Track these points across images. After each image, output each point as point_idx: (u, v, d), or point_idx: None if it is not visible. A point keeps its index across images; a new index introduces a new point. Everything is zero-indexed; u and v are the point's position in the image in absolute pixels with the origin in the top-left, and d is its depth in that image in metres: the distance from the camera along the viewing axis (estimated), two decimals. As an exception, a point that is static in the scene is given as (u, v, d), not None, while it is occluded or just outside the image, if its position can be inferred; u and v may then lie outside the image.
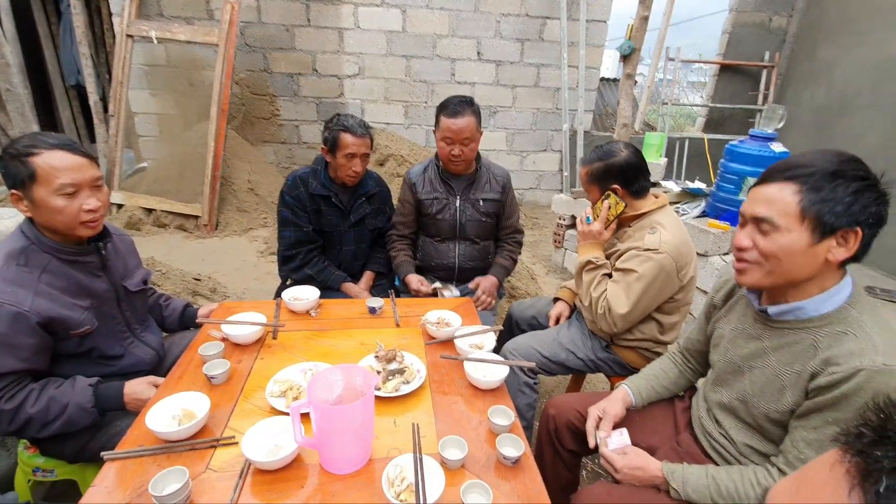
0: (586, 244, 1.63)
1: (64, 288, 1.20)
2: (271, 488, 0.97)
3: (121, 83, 4.10)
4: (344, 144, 1.85)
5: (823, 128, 4.57)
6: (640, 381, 1.33)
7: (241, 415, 1.17)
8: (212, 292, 3.06)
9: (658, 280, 1.46)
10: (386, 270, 2.21)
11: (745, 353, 1.05)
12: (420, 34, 4.82)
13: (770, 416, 0.99)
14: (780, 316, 0.98)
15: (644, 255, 1.46)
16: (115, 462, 1.00)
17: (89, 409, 1.17)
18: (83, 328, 1.22)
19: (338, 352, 1.45)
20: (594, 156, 1.60)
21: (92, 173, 1.20)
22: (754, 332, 1.04)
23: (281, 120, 5.00)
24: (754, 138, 2.55)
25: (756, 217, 0.92)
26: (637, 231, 1.56)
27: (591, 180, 1.61)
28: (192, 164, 4.27)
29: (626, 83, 3.42)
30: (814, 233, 0.87)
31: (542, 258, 4.03)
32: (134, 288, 1.41)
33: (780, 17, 5.24)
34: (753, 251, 0.93)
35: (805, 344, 0.93)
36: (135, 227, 4.08)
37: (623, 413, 1.24)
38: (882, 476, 0.32)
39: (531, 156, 5.46)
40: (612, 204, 1.56)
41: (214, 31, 4.02)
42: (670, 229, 1.49)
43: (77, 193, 1.17)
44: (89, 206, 1.19)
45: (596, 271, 1.58)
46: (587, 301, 1.59)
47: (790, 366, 0.95)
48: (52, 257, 1.19)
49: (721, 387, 1.12)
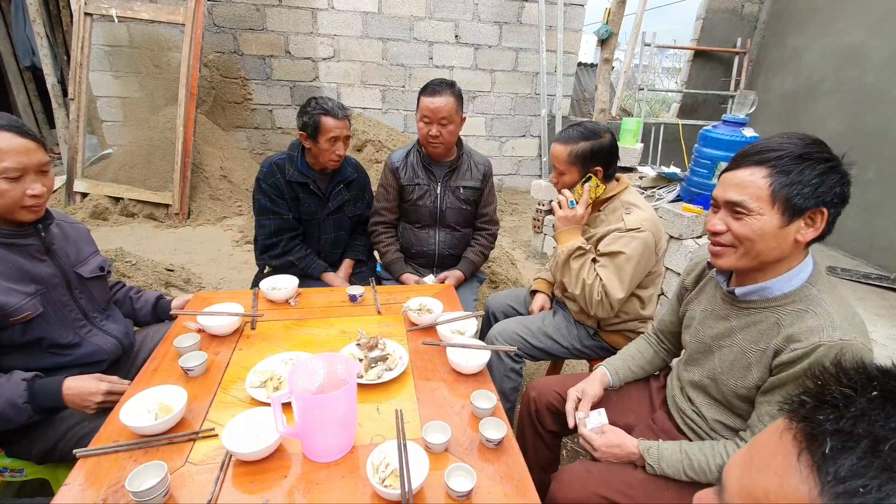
0: (569, 230, 1.57)
1: (2, 273, 1.14)
2: (254, 479, 0.96)
3: (80, 65, 3.89)
4: (326, 128, 1.81)
5: (791, 113, 4.71)
6: (617, 362, 1.36)
7: (220, 407, 1.14)
8: (186, 283, 2.98)
9: (644, 257, 1.48)
10: (366, 258, 2.19)
11: (714, 333, 1.09)
12: (396, 16, 4.71)
13: (738, 393, 1.03)
14: (746, 296, 1.02)
15: (629, 236, 1.47)
16: (88, 459, 0.97)
17: (21, 405, 1.09)
18: (22, 314, 1.15)
19: (318, 341, 1.43)
20: (576, 133, 1.53)
21: (38, 158, 1.15)
22: (722, 312, 1.08)
23: (253, 104, 4.85)
24: (727, 123, 2.59)
25: (729, 202, 0.94)
26: (610, 214, 1.57)
27: (574, 160, 1.53)
28: (160, 151, 4.11)
29: (604, 68, 3.43)
30: (784, 215, 0.90)
31: (521, 243, 4.06)
32: (88, 274, 1.34)
33: (752, 4, 5.33)
34: (728, 234, 0.96)
35: (769, 322, 0.97)
36: (101, 217, 3.92)
37: (601, 393, 1.27)
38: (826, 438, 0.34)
39: (510, 141, 5.45)
40: (593, 187, 1.53)
41: (180, 10, 3.85)
42: (642, 206, 1.52)
43: (22, 178, 1.12)
44: (34, 192, 1.14)
45: (584, 256, 1.55)
46: (579, 288, 1.54)
47: (756, 343, 0.99)
48: None
49: (692, 366, 1.16)
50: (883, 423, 0.33)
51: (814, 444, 0.34)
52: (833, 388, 0.36)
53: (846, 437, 0.33)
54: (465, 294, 2.02)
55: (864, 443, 0.32)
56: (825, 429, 0.34)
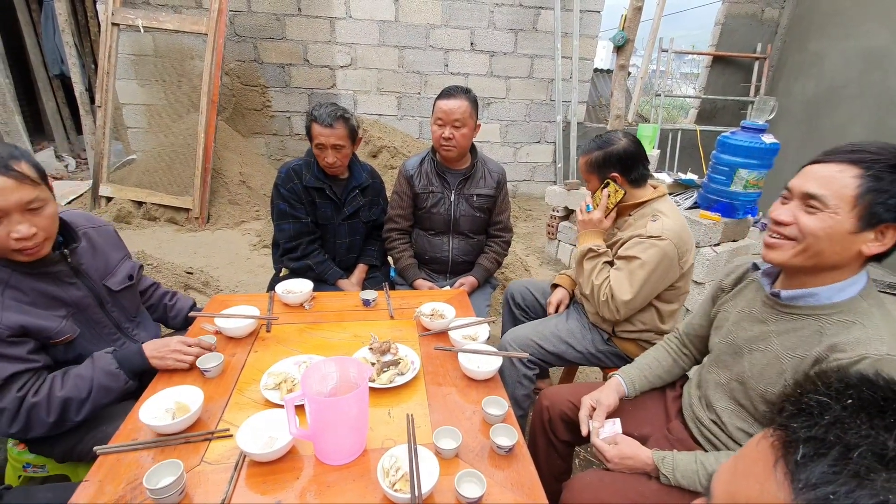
0: (586, 232, 1.63)
1: (31, 302, 1.12)
2: (266, 480, 0.97)
3: (107, 73, 4.02)
4: (314, 135, 1.84)
5: (813, 119, 4.61)
6: (633, 371, 1.34)
7: (235, 408, 1.17)
8: (204, 286, 3.04)
9: (661, 266, 1.47)
10: (380, 263, 2.21)
11: (748, 336, 1.06)
12: (413, 24, 4.77)
13: (766, 398, 1.00)
14: (791, 300, 0.99)
15: (647, 242, 1.47)
16: (108, 456, 1.00)
17: (114, 370, 1.16)
18: (63, 336, 1.16)
19: (332, 344, 1.45)
20: (592, 145, 1.61)
21: (19, 197, 1.02)
22: (761, 315, 1.05)
23: (272, 111, 4.94)
24: (746, 130, 2.56)
25: (807, 193, 0.90)
26: (638, 219, 1.57)
27: (590, 169, 1.61)
28: (182, 156, 4.22)
29: (620, 74, 3.41)
30: (859, 221, 0.86)
31: (535, 250, 4.05)
32: (118, 287, 1.33)
33: (772, 9, 5.25)
34: (793, 227, 0.92)
35: (811, 330, 0.95)
36: (124, 221, 4.03)
37: (616, 403, 1.25)
38: (800, 445, 0.34)
39: (525, 147, 5.45)
40: (612, 192, 1.57)
41: (203, 20, 3.95)
42: (672, 216, 1.51)
43: (2, 219, 1.02)
44: (19, 235, 1.03)
45: (597, 259, 1.58)
46: (588, 289, 1.59)
47: (793, 350, 0.96)
48: (11, 272, 1.10)
49: (719, 367, 1.14)
50: (855, 430, 0.33)
51: (788, 451, 0.35)
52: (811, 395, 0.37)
53: (818, 444, 0.33)
54: (478, 300, 2.02)
55: (835, 450, 0.32)
56: (799, 436, 0.35)
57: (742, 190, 2.61)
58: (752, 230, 3.04)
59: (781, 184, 1.01)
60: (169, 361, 1.23)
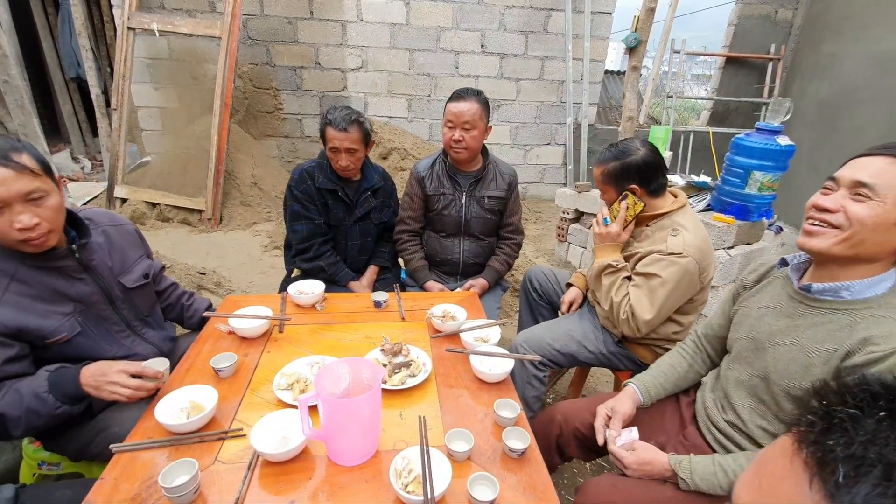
0: (604, 246, 1.58)
1: (36, 296, 1.12)
2: (279, 480, 0.98)
3: (123, 76, 4.09)
4: (328, 138, 1.86)
5: (828, 121, 4.54)
6: (647, 378, 1.31)
7: (248, 407, 1.17)
8: (216, 286, 3.07)
9: (682, 284, 1.43)
10: (391, 265, 2.21)
11: (772, 330, 1.05)
12: (423, 27, 4.78)
13: (791, 394, 0.99)
14: (821, 294, 0.98)
15: (668, 260, 1.42)
16: (123, 455, 1.01)
17: (42, 394, 1.06)
18: (58, 336, 1.14)
19: (343, 345, 1.45)
20: (609, 155, 1.55)
21: (20, 186, 1.03)
22: (787, 310, 1.04)
23: (284, 114, 4.99)
24: (760, 131, 2.53)
25: (858, 181, 0.90)
26: (657, 231, 1.52)
27: (607, 180, 1.56)
28: (195, 159, 4.26)
29: (632, 76, 3.39)
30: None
31: (545, 252, 4.03)
32: (132, 284, 1.33)
33: (786, 10, 5.19)
34: (839, 214, 0.91)
35: (841, 324, 0.94)
36: (139, 222, 4.08)
37: (632, 411, 1.23)
38: (838, 465, 0.32)
39: (535, 149, 5.43)
40: (630, 204, 1.52)
41: (217, 24, 4.00)
42: (692, 230, 1.45)
43: (4, 209, 1.03)
44: (21, 224, 1.04)
45: (616, 274, 1.54)
46: (607, 305, 1.55)
47: (822, 344, 0.95)
48: (19, 265, 1.10)
49: (740, 364, 1.12)
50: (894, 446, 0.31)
51: (825, 470, 0.33)
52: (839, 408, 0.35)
53: (858, 463, 0.32)
54: (488, 302, 2.02)
55: (877, 469, 0.31)
56: (836, 454, 0.33)
57: (756, 192, 2.58)
58: (767, 233, 3.00)
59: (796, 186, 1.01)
60: (104, 393, 1.09)
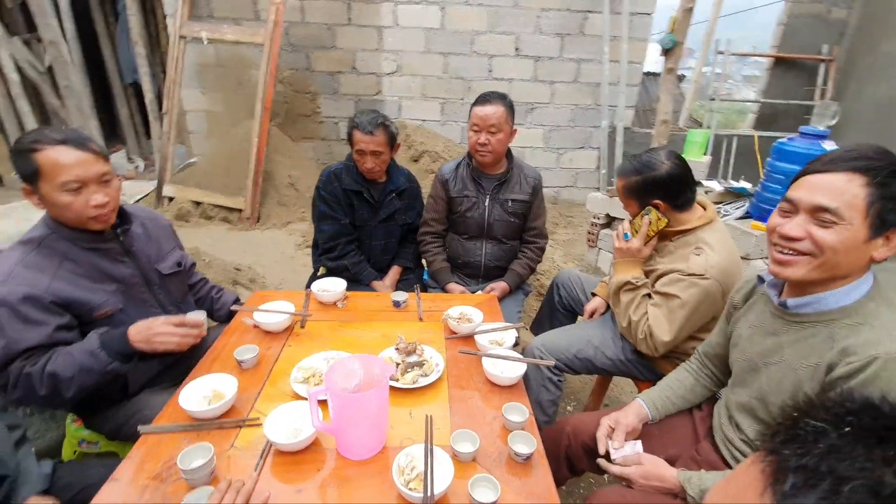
0: (624, 262, 1.54)
1: (84, 274, 1.23)
2: (290, 469, 1.02)
3: (174, 82, 4.34)
4: (354, 141, 1.91)
5: (886, 124, 4.25)
6: (654, 392, 1.28)
7: (266, 398, 1.23)
8: (251, 282, 3.20)
9: (703, 306, 1.38)
10: (413, 265, 2.24)
11: (761, 350, 1.02)
12: (458, 31, 4.82)
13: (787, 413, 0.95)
14: (799, 308, 0.95)
15: (688, 281, 1.36)
16: (149, 436, 1.08)
17: (95, 350, 1.14)
18: (104, 309, 1.24)
19: (361, 342, 1.49)
20: (631, 167, 1.49)
21: (97, 168, 1.18)
22: (771, 328, 1.01)
23: (321, 117, 5.14)
24: (805, 136, 2.40)
25: (819, 206, 0.87)
26: (680, 248, 1.45)
27: (629, 194, 1.51)
28: (237, 160, 4.47)
29: (668, 78, 3.29)
30: (871, 229, 0.85)
31: (575, 257, 3.96)
32: (167, 271, 1.44)
33: (840, 9, 4.89)
34: (807, 242, 0.89)
35: (822, 336, 0.91)
36: (184, 219, 4.31)
37: (637, 425, 1.20)
38: (789, 474, 0.32)
39: (568, 153, 5.35)
40: (653, 220, 1.46)
41: (260, 32, 4.18)
42: (718, 250, 1.38)
43: (82, 189, 1.16)
44: (96, 202, 1.18)
45: (635, 292, 1.49)
46: (625, 322, 1.51)
47: (806, 359, 0.93)
48: (71, 245, 1.22)
49: (739, 387, 1.09)
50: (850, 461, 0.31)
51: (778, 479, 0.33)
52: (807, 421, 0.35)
53: (809, 475, 0.31)
54: (509, 306, 2.01)
55: (826, 482, 0.30)
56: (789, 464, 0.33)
57: (799, 200, 2.44)
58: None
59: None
60: (155, 344, 1.18)
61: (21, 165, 1.15)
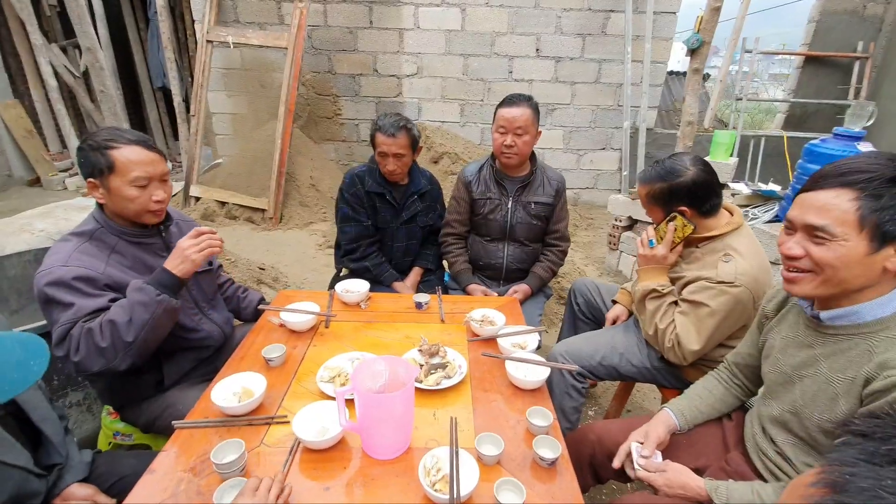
0: (649, 269, 1.51)
1: (130, 266, 1.33)
2: (317, 466, 1.04)
3: (201, 85, 4.45)
4: (377, 143, 1.93)
5: (928, 125, 4.08)
6: (682, 402, 1.25)
7: (293, 396, 1.25)
8: (274, 281, 3.26)
9: (733, 314, 1.35)
10: (435, 267, 2.26)
11: (795, 363, 1.00)
12: (479, 32, 4.82)
13: (823, 427, 0.93)
14: (833, 321, 0.93)
15: (718, 289, 1.33)
16: (183, 431, 1.11)
17: (142, 285, 1.21)
18: None
19: (384, 343, 1.51)
20: (654, 174, 1.45)
21: (162, 168, 1.32)
22: (806, 339, 0.99)
23: (342, 119, 5.21)
24: (838, 137, 2.33)
25: (809, 225, 0.87)
26: (707, 255, 1.42)
27: (654, 202, 1.47)
28: (261, 161, 4.56)
29: (694, 78, 3.23)
30: (872, 241, 0.83)
31: (595, 260, 3.92)
32: (199, 269, 1.47)
33: (876, 5, 4.72)
34: (806, 260, 0.89)
35: (859, 349, 0.89)
36: (209, 219, 4.42)
37: (666, 437, 1.18)
38: None
39: (589, 154, 5.30)
40: (679, 226, 1.43)
41: (284, 36, 4.26)
42: (747, 256, 1.35)
43: (148, 185, 1.29)
44: (158, 198, 1.32)
45: (661, 300, 1.46)
46: (651, 330, 1.49)
47: (843, 372, 0.90)
48: (118, 239, 1.32)
49: (772, 399, 1.07)
50: None
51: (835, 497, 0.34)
52: None
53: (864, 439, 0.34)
54: (530, 308, 2.01)
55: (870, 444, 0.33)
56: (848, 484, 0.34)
57: (832, 203, 2.37)
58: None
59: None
60: (194, 258, 1.26)
61: (94, 160, 1.24)
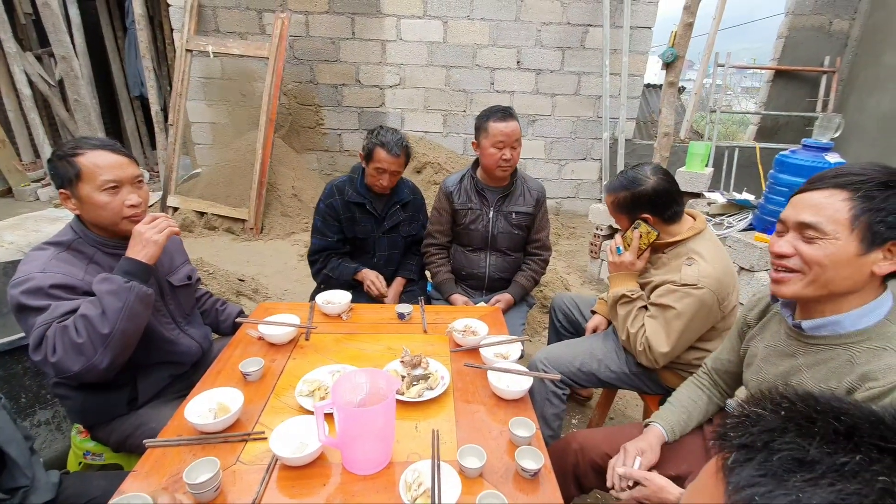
0: (619, 276, 1.57)
1: None
2: (295, 484, 1.01)
3: (180, 94, 4.39)
4: (376, 158, 1.91)
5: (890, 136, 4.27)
6: (670, 416, 1.26)
7: (271, 412, 1.22)
8: (254, 293, 3.20)
9: (699, 315, 1.39)
10: (417, 277, 2.25)
11: (778, 372, 1.01)
12: (460, 44, 4.88)
13: None
14: (814, 331, 0.94)
15: (682, 291, 1.39)
16: (154, 450, 1.07)
17: (107, 276, 1.18)
18: None
19: (366, 355, 1.49)
20: (618, 183, 1.53)
21: (132, 171, 1.28)
22: (788, 349, 1.00)
23: (325, 129, 5.19)
24: (807, 148, 2.41)
25: (802, 223, 0.88)
26: (673, 259, 1.48)
27: (619, 210, 1.55)
28: (241, 171, 4.50)
29: (669, 91, 3.32)
30: (862, 242, 0.84)
31: (577, 268, 3.96)
32: (178, 283, 1.47)
33: (842, 21, 4.94)
34: (795, 259, 0.90)
35: (841, 360, 0.90)
36: (188, 230, 4.33)
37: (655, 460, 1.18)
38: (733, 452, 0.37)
39: (570, 164, 5.38)
40: (644, 233, 1.50)
41: (266, 46, 4.24)
42: (709, 259, 1.40)
43: (119, 189, 1.25)
44: (131, 202, 1.27)
45: (631, 304, 1.52)
46: (624, 335, 1.54)
47: (825, 383, 0.91)
48: (96, 250, 1.28)
49: None
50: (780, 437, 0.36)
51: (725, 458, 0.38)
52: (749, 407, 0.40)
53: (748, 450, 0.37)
54: (513, 318, 2.01)
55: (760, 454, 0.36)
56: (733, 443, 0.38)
57: (803, 212, 2.45)
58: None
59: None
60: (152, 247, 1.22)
61: (62, 170, 1.22)
